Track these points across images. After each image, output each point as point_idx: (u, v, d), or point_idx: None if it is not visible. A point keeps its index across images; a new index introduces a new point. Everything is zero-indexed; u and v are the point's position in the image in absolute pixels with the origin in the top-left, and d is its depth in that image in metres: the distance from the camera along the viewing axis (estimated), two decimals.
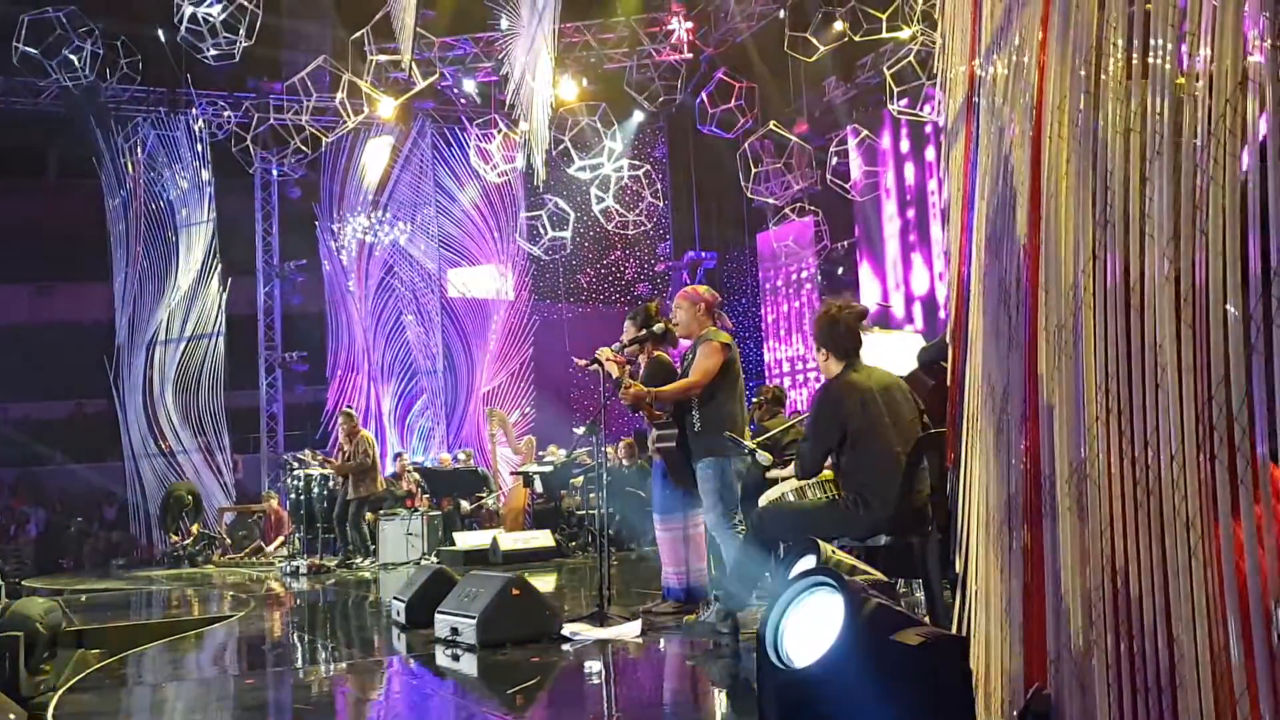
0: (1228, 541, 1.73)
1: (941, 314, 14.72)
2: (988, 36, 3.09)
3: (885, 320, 16.95)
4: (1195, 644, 1.82)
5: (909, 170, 17.65)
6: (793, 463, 5.26)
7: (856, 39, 15.57)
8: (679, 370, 6.48)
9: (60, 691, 5.03)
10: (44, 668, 5.61)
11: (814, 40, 15.61)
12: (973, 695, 2.70)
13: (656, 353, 6.80)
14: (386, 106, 18.40)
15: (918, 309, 17.26)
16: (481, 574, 6.30)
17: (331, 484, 14.51)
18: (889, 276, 18.06)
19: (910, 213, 17.65)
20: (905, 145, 17.65)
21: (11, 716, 4.89)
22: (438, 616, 5.96)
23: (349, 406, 17.10)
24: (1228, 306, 1.73)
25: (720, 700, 4.46)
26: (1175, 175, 1.91)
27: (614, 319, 19.33)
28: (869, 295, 17.97)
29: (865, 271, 18.73)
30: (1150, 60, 2.01)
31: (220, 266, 19.64)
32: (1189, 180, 1.86)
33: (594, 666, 5.21)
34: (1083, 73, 2.29)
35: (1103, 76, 2.21)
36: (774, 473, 5.70)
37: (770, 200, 19.36)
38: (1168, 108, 1.95)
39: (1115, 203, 2.12)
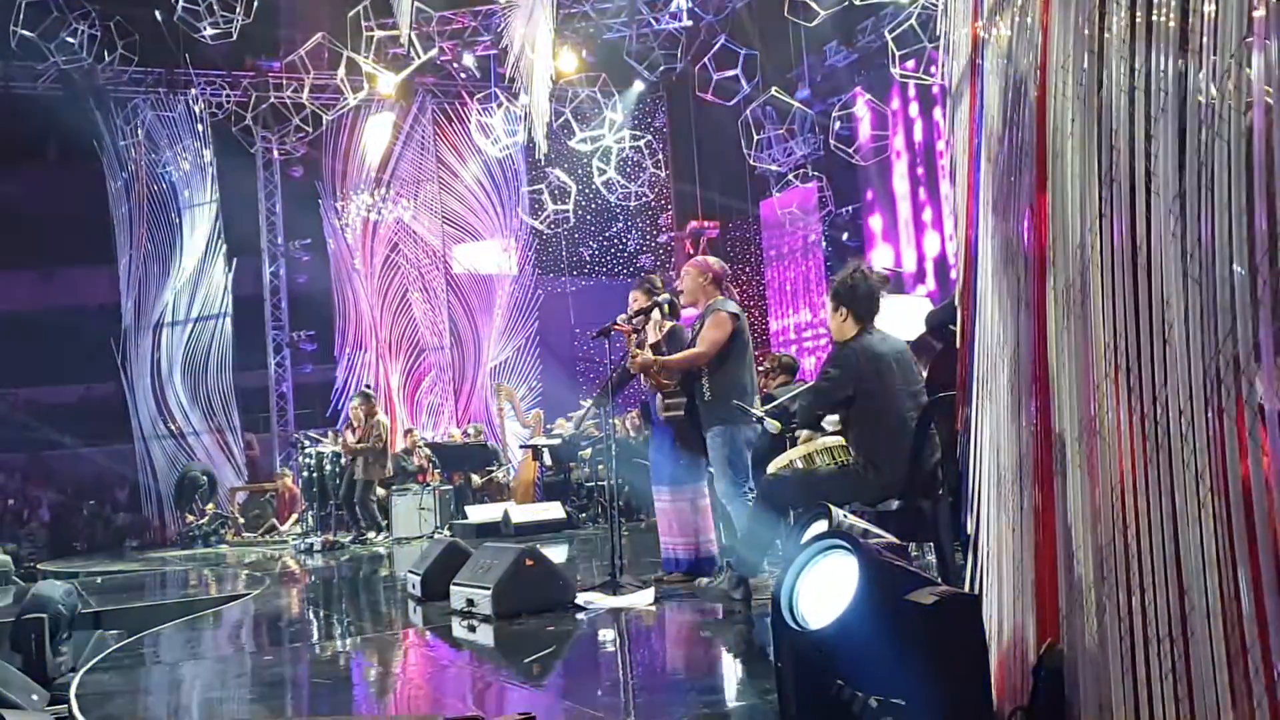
0: (1236, 493, 1.75)
1: (953, 275, 14.71)
2: None
3: (900, 285, 16.92)
4: (1206, 595, 1.85)
5: (917, 131, 17.59)
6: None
7: (856, 3, 15.47)
8: (689, 341, 6.49)
9: (80, 672, 5.07)
10: (61, 649, 5.68)
11: (814, 4, 15.51)
12: (987, 652, 2.73)
13: (671, 324, 6.80)
14: (386, 83, 18.33)
15: (929, 268, 17.23)
16: (495, 546, 6.33)
17: (343, 461, 14.59)
18: (901, 238, 18.00)
19: (920, 172, 17.59)
20: (914, 108, 17.57)
21: (34, 698, 4.95)
22: (453, 588, 6.00)
23: (368, 387, 17.14)
24: (1234, 267, 1.74)
25: (735, 665, 4.50)
26: (1180, 132, 1.92)
27: (617, 291, 19.34)
28: (880, 259, 17.92)
29: (876, 236, 18.67)
30: (1154, 17, 2.02)
31: (225, 247, 19.62)
32: (1194, 137, 1.87)
33: (609, 634, 5.25)
34: (1086, 31, 2.30)
35: (1107, 35, 2.21)
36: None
37: (773, 167, 19.31)
38: (1172, 65, 1.96)
39: (1121, 161, 2.13)
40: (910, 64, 15.44)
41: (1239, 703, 1.78)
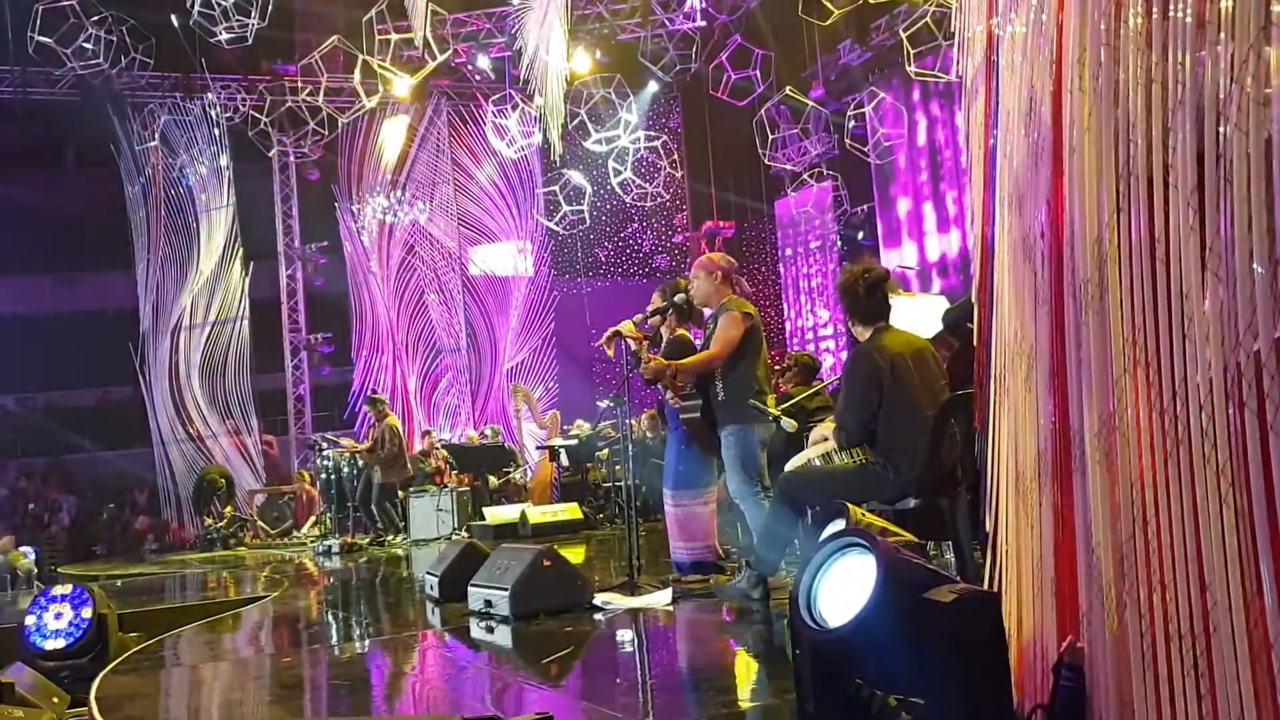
0: (1258, 487, 1.74)
1: (972, 270, 14.62)
2: None
3: (925, 281, 16.87)
4: (1228, 591, 1.83)
5: (934, 129, 17.52)
6: (823, 423, 5.27)
7: (871, 1, 15.43)
8: (701, 342, 6.48)
9: (101, 674, 5.09)
10: None
11: (828, 3, 15.49)
12: (1006, 650, 2.72)
13: (679, 330, 6.79)
14: (401, 86, 18.35)
15: (947, 265, 17.16)
16: (512, 547, 6.33)
17: (360, 463, 14.63)
18: (917, 236, 17.94)
19: (935, 170, 17.52)
20: (931, 106, 17.51)
21: (55, 700, 4.97)
22: (471, 590, 6.00)
23: (375, 391, 17.19)
24: (1254, 265, 1.73)
25: (753, 664, 4.49)
26: (1198, 125, 1.91)
27: (633, 292, 19.35)
28: (895, 258, 17.86)
29: (892, 234, 18.62)
30: (1170, 12, 2.01)
31: (242, 250, 19.69)
32: (1212, 130, 1.86)
33: (626, 635, 5.24)
34: (1103, 25, 2.29)
35: (1123, 28, 2.20)
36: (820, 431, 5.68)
37: (788, 166, 19.29)
38: (1189, 57, 1.94)
39: (1138, 155, 2.12)
40: (930, 60, 15.39)
41: (1262, 699, 1.77)
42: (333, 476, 14.96)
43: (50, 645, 5.77)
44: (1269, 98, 1.71)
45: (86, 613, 5.86)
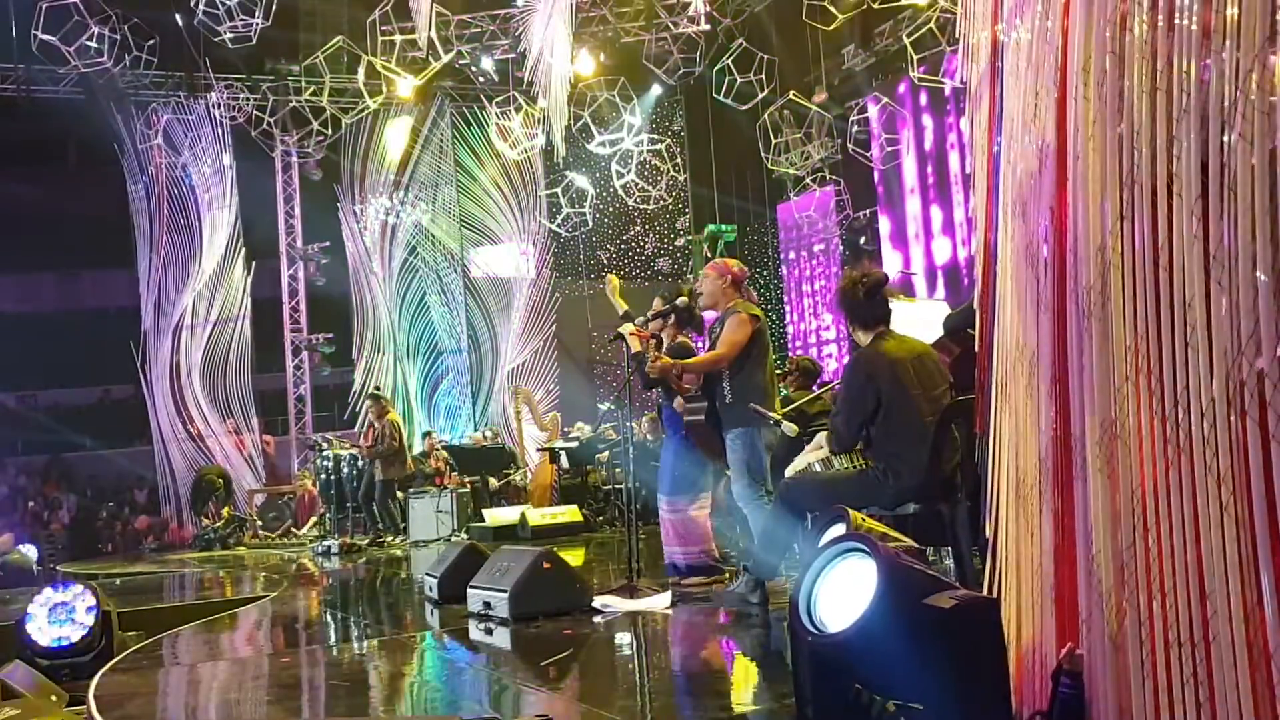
0: (1259, 496, 1.74)
1: (977, 274, 14.59)
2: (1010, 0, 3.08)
3: (928, 288, 16.86)
4: (1228, 599, 1.83)
5: (937, 134, 17.50)
6: (823, 434, 5.25)
7: (875, 6, 15.44)
8: (707, 344, 6.49)
9: (100, 673, 5.09)
10: None
11: (832, 8, 15.48)
12: (1006, 657, 2.72)
13: (680, 337, 6.80)
14: (405, 86, 18.33)
15: (949, 272, 17.15)
16: (512, 549, 6.34)
17: (360, 463, 14.62)
18: (920, 242, 17.91)
19: (938, 175, 17.50)
20: (933, 111, 17.49)
21: (54, 698, 4.97)
22: (470, 591, 6.00)
23: (377, 388, 17.17)
24: (1258, 274, 1.73)
25: (752, 669, 4.49)
26: (1202, 133, 1.91)
27: (634, 295, 19.29)
28: (897, 263, 17.84)
29: (894, 239, 18.60)
30: (1176, 20, 2.01)
31: (244, 250, 19.68)
32: (1216, 138, 1.86)
33: (625, 638, 5.24)
34: (1108, 33, 2.29)
35: (1128, 36, 2.20)
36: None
37: (790, 170, 19.27)
38: (1194, 66, 1.94)
39: (1142, 163, 2.12)
40: (948, 66, 15.37)
41: (1261, 708, 1.77)
42: (332, 477, 14.96)
43: (55, 643, 5.77)
44: (1274, 106, 1.71)
45: (92, 610, 5.87)
